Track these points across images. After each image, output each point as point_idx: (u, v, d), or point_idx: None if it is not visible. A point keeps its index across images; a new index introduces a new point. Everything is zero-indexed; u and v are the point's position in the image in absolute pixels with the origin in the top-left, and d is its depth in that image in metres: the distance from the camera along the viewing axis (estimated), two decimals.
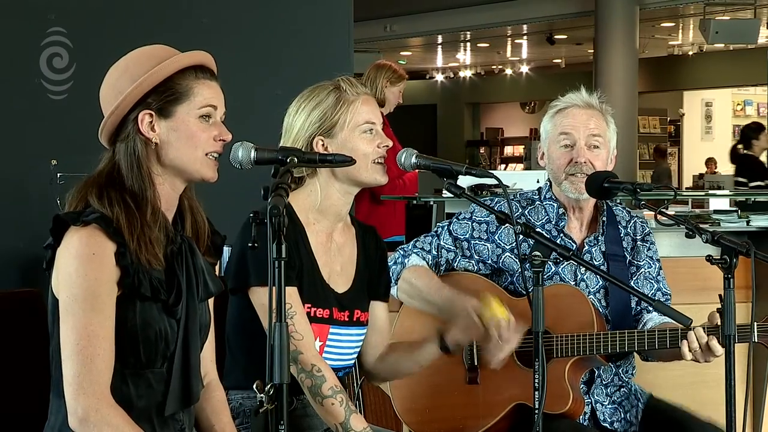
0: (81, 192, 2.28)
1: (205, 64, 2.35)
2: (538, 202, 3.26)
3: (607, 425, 3.18)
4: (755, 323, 2.88)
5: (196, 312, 2.36)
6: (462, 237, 3.22)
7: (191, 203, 2.41)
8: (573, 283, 3.18)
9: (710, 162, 18.81)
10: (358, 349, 2.84)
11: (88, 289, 2.19)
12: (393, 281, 3.09)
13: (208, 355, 2.49)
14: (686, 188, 16.40)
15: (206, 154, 2.33)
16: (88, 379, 2.18)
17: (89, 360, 2.18)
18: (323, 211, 2.77)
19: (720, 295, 2.68)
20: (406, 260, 3.18)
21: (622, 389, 3.22)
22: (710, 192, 8.04)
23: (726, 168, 19.18)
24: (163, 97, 2.29)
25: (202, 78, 2.34)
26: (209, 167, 2.34)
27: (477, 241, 3.22)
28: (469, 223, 3.24)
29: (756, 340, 2.88)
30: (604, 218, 3.24)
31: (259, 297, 2.65)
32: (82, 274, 2.19)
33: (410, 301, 3.16)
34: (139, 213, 2.26)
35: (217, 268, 2.54)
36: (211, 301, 2.48)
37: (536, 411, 2.50)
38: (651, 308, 3.18)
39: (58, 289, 2.23)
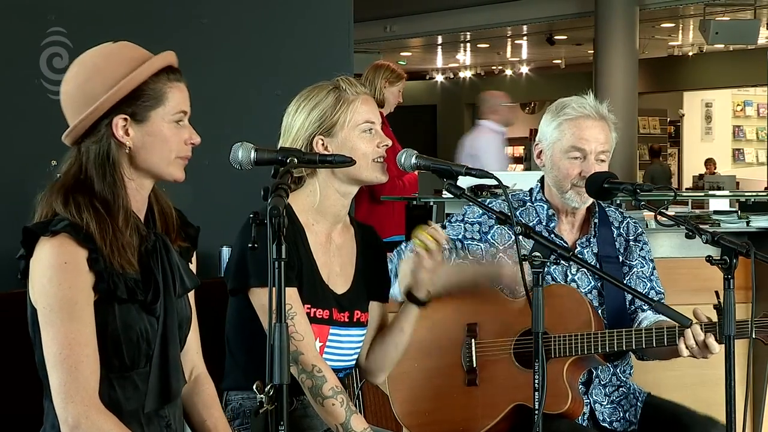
0: (48, 199, 2.27)
1: (173, 65, 2.35)
2: (529, 204, 3.26)
3: (606, 425, 3.18)
4: (753, 320, 2.88)
5: (174, 308, 2.36)
6: (454, 238, 3.22)
7: (155, 192, 2.41)
8: (564, 284, 3.18)
9: (710, 162, 18.80)
10: (358, 350, 2.83)
11: (63, 298, 2.18)
12: (393, 280, 3.09)
13: (193, 347, 2.49)
14: (686, 189, 16.41)
15: (177, 157, 2.33)
16: (74, 387, 2.17)
17: (74, 368, 2.17)
18: (322, 212, 2.76)
19: (716, 292, 2.69)
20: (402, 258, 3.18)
21: (620, 389, 3.23)
22: (710, 192, 8.04)
23: (725, 168, 19.22)
24: (139, 102, 2.28)
25: (174, 80, 2.33)
26: (179, 168, 2.34)
27: (470, 242, 3.22)
28: (461, 224, 3.24)
29: (754, 336, 2.87)
30: (596, 220, 3.24)
31: (259, 298, 2.65)
32: (56, 284, 2.18)
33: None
34: (111, 219, 2.25)
35: (194, 260, 2.53)
36: (191, 294, 2.47)
37: (536, 411, 2.50)
38: (645, 308, 3.19)
39: (35, 299, 2.23)
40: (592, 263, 3.20)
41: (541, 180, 3.29)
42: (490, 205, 2.76)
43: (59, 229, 2.20)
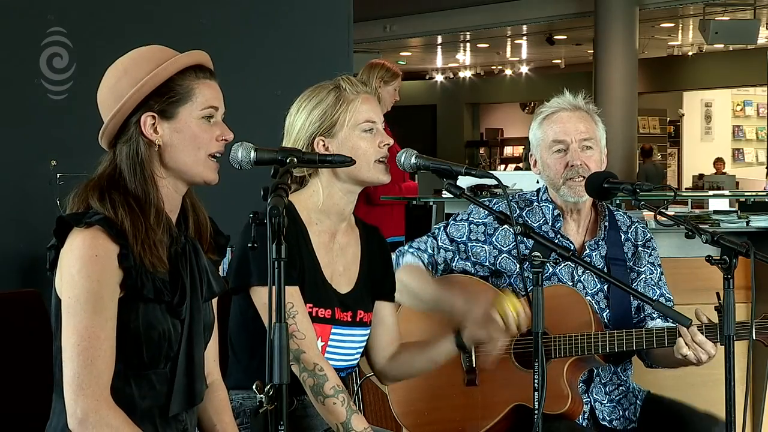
0: (82, 195, 2.28)
1: (203, 64, 2.36)
2: (535, 204, 3.26)
3: (606, 424, 3.18)
4: (753, 321, 2.88)
5: (200, 312, 2.36)
6: (459, 239, 3.22)
7: (193, 202, 2.41)
8: (570, 284, 3.18)
9: (719, 162, 18.78)
10: (361, 350, 2.83)
11: (90, 290, 2.19)
12: None
13: (211, 355, 2.49)
14: (686, 189, 16.42)
15: (209, 156, 2.33)
16: (87, 381, 2.17)
17: (89, 361, 2.18)
18: (326, 211, 2.76)
19: (717, 293, 2.68)
20: (401, 259, 3.19)
21: (620, 387, 3.23)
22: (710, 192, 8.04)
23: (725, 168, 19.22)
24: (165, 98, 2.29)
25: (202, 78, 2.33)
26: (211, 170, 2.34)
27: (474, 243, 3.21)
28: (466, 224, 3.24)
29: (755, 338, 2.88)
30: (606, 223, 3.24)
31: (261, 297, 2.65)
32: (85, 276, 2.19)
33: (401, 299, 3.15)
34: (143, 216, 2.26)
35: (219, 268, 2.54)
36: (214, 301, 2.47)
37: (536, 411, 2.50)
38: (655, 315, 3.18)
39: (61, 289, 2.23)
40: (600, 266, 3.19)
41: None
42: (493, 206, 2.76)
43: (93, 222, 2.21)
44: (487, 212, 3.18)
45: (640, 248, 3.27)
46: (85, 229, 2.21)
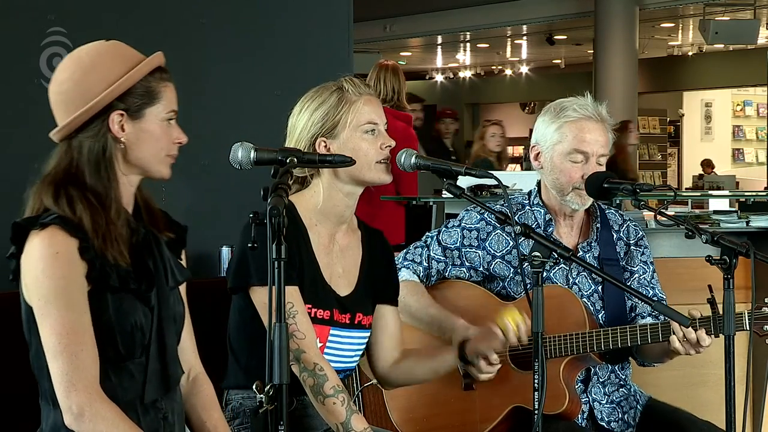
0: (37, 194, 2.29)
1: (163, 65, 2.39)
2: (527, 207, 3.25)
3: (604, 425, 3.18)
4: (749, 312, 2.89)
5: (168, 299, 2.37)
6: (452, 246, 3.21)
7: (144, 195, 2.44)
8: (566, 287, 3.18)
9: (707, 165, 18.72)
10: (359, 352, 2.83)
11: (58, 288, 2.19)
12: None
13: (188, 346, 2.50)
14: (686, 189, 16.40)
15: (166, 155, 2.36)
16: (77, 376, 2.19)
17: (74, 356, 2.19)
18: (325, 213, 2.76)
19: (709, 286, 2.69)
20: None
21: (621, 389, 3.22)
22: (710, 192, 8.04)
23: (725, 168, 19.20)
24: (134, 99, 2.31)
25: (166, 80, 2.37)
26: (167, 166, 2.38)
27: (467, 249, 3.21)
28: (459, 230, 3.23)
29: (752, 329, 2.88)
30: (598, 224, 3.23)
31: (260, 297, 2.65)
32: (50, 275, 2.19)
33: (402, 318, 3.15)
34: (104, 211, 2.28)
35: (183, 258, 2.53)
36: (183, 291, 2.48)
37: (536, 411, 2.49)
38: (645, 314, 3.18)
39: (30, 295, 2.24)
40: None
41: (538, 183, 3.28)
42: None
43: (49, 222, 2.22)
44: (479, 217, 3.20)
45: (632, 247, 3.26)
46: (41, 231, 2.22)
